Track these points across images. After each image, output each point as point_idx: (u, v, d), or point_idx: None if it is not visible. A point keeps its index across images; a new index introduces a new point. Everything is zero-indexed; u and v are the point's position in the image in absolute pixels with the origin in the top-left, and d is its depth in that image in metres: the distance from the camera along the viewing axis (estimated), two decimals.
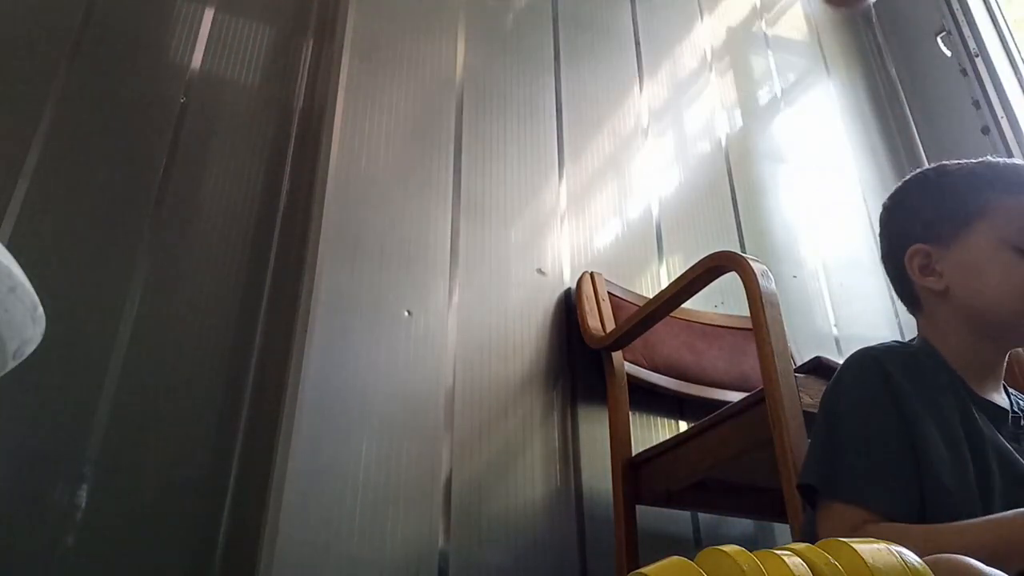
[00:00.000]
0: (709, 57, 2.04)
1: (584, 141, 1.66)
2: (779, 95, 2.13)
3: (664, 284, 1.29)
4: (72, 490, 1.02)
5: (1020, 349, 1.07)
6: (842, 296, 1.84)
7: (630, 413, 1.30)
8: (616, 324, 1.37)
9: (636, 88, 1.84)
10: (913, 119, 2.34)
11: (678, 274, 1.26)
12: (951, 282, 0.89)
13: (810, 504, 0.81)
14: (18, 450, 1.02)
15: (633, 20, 1.94)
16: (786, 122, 2.09)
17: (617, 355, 1.35)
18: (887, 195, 0.99)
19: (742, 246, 1.73)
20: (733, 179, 1.85)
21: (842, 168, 2.12)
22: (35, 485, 1.01)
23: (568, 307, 1.45)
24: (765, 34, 2.23)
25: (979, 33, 2.19)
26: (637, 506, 1.22)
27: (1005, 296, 0.85)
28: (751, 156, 1.93)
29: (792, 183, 1.98)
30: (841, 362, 1.00)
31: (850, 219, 2.03)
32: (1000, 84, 2.10)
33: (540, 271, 1.45)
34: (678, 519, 1.33)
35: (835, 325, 1.76)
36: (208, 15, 1.43)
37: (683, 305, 1.27)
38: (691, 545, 1.32)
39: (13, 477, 1.00)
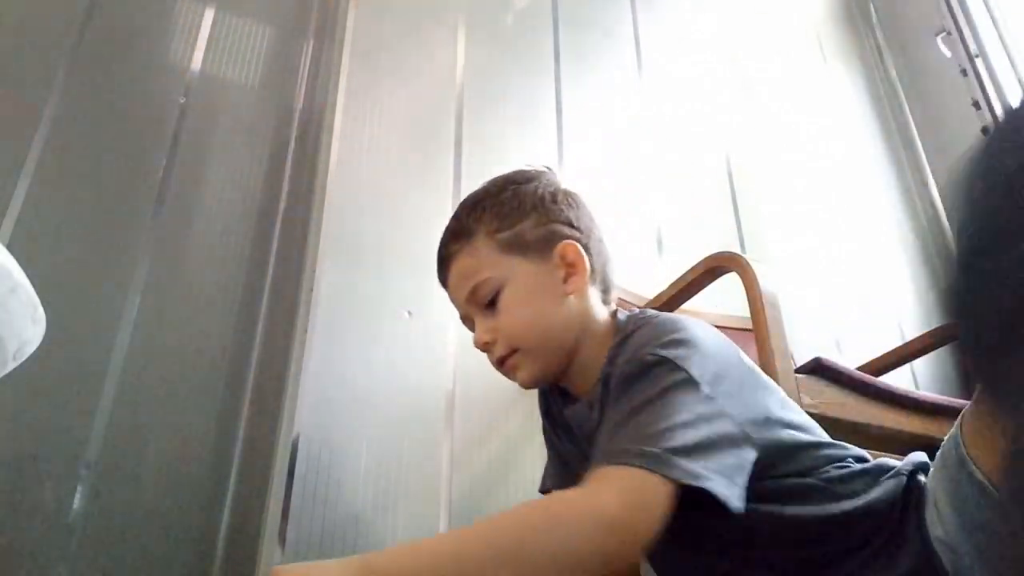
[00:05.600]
0: (708, 58, 2.03)
1: (584, 142, 1.66)
2: (779, 95, 2.13)
3: (664, 285, 1.28)
4: (70, 492, 1.02)
5: None
6: (843, 296, 1.84)
7: None
8: None
9: (636, 89, 1.84)
10: (913, 119, 2.34)
11: (678, 275, 1.26)
12: None
13: None
14: (16, 451, 1.02)
15: (633, 21, 1.94)
16: (786, 123, 2.09)
17: None
18: (885, 198, 0.99)
19: (742, 246, 1.73)
20: (733, 179, 1.85)
21: (842, 169, 2.12)
22: (33, 486, 1.01)
23: None
24: (765, 34, 2.23)
25: (979, 34, 2.20)
26: None
27: None
28: (751, 156, 1.93)
29: (792, 184, 1.98)
30: (841, 363, 1.00)
31: (851, 220, 2.03)
32: (1000, 85, 2.10)
33: None
34: None
35: (836, 326, 1.76)
36: (208, 15, 1.43)
37: (683, 305, 1.27)
38: None
39: (11, 478, 1.00)
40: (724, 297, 1.27)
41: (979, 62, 2.15)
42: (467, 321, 0.91)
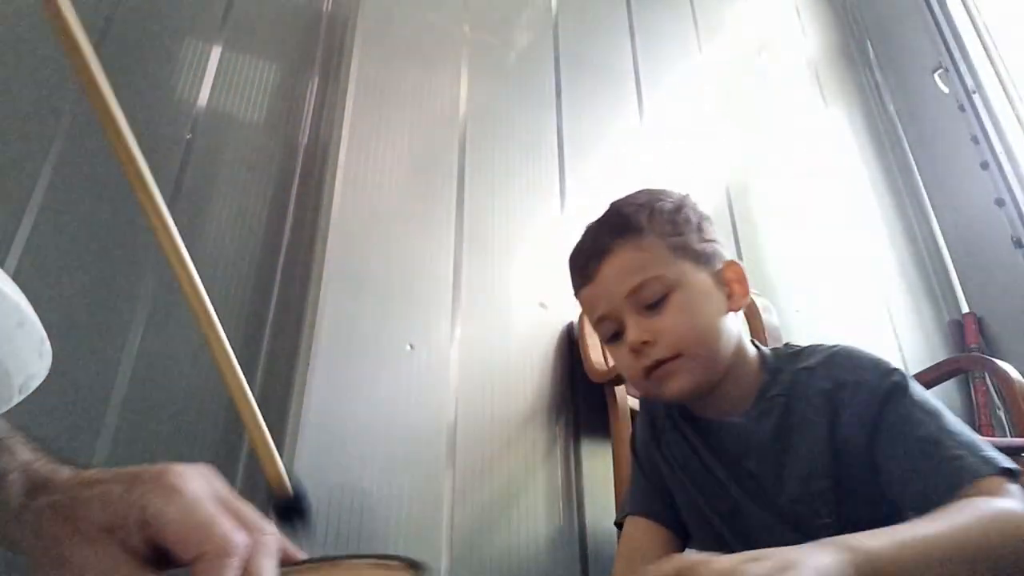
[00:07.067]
0: (708, 94, 2.06)
1: (585, 177, 1.67)
2: (778, 133, 2.15)
3: None
4: None
5: None
6: (846, 331, 1.84)
7: None
8: None
9: (636, 124, 1.86)
10: (913, 156, 2.36)
11: None
12: None
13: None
14: None
15: (633, 57, 1.97)
16: (786, 159, 2.10)
17: (620, 389, 1.34)
18: (886, 233, 0.99)
19: None
20: (734, 212, 1.86)
21: (843, 204, 2.13)
22: None
23: (571, 341, 1.44)
24: (764, 71, 2.26)
25: (975, 69, 2.22)
26: None
27: None
28: (751, 191, 1.94)
29: (793, 219, 1.99)
30: None
31: (852, 255, 2.03)
32: (997, 119, 2.12)
33: (542, 305, 1.45)
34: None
35: None
36: (215, 53, 1.45)
37: None
38: None
39: None
40: None
41: (976, 97, 2.18)
42: (606, 322, 0.86)
